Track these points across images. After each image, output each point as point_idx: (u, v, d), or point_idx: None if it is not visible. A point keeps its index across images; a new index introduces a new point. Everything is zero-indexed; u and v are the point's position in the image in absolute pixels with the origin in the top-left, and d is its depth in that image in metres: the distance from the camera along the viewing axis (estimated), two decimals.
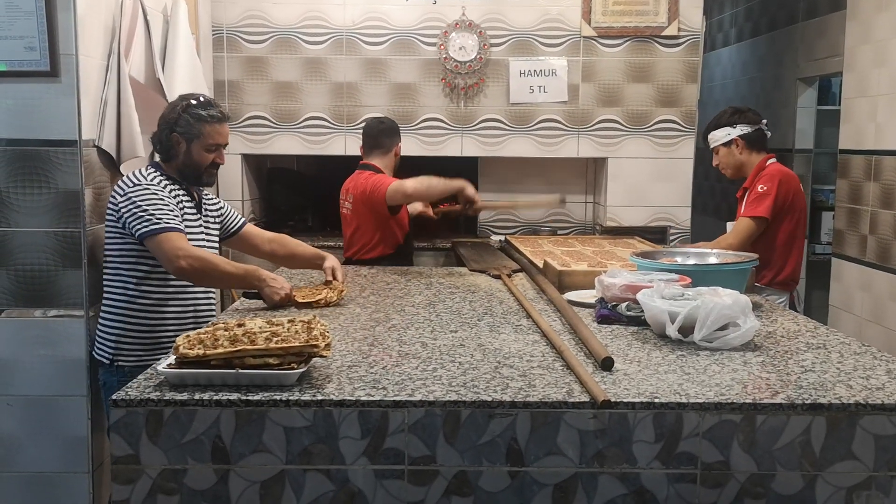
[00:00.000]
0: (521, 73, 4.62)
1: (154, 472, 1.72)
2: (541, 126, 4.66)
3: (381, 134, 3.90)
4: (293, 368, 1.78)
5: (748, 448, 1.73)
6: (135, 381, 1.84)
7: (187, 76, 3.63)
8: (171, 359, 1.83)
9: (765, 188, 3.42)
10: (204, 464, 1.72)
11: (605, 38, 4.61)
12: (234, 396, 1.72)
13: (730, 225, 3.61)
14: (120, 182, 2.76)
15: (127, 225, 2.67)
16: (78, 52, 2.86)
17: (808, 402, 1.74)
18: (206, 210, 2.94)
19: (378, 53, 4.60)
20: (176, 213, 2.70)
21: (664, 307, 2.23)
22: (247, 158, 4.76)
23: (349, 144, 4.66)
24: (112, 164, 3.13)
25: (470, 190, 3.48)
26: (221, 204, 3.10)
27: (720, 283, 2.41)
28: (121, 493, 1.73)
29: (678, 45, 4.61)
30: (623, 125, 4.67)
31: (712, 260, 2.89)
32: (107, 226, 2.79)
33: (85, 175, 2.92)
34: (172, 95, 3.41)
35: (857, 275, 4.00)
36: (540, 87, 4.63)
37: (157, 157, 2.91)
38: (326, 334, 1.91)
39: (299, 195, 5.34)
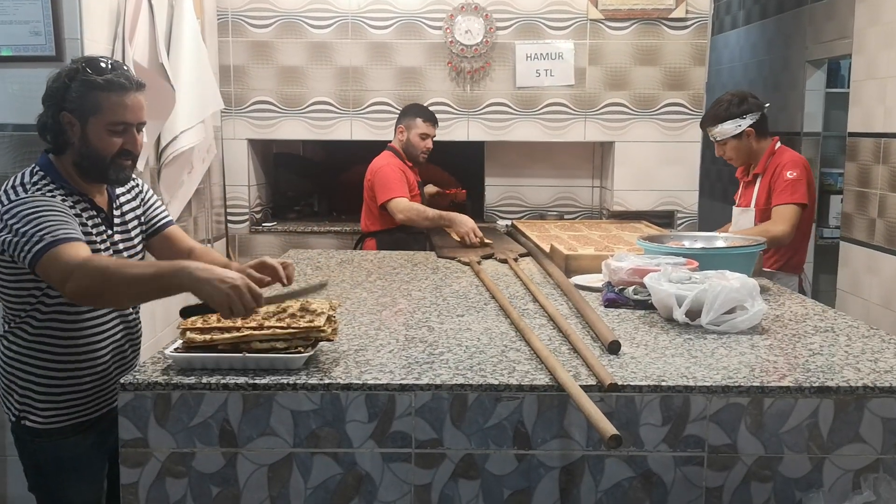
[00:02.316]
0: (527, 57, 4.59)
1: (162, 456, 1.73)
2: (547, 110, 4.64)
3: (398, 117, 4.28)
4: (300, 352, 1.79)
5: (755, 431, 1.73)
6: (143, 365, 1.85)
7: (192, 61, 3.62)
8: (178, 343, 1.83)
9: (794, 174, 3.37)
10: (212, 447, 1.73)
11: (612, 20, 4.57)
12: (241, 380, 1.72)
13: (737, 211, 3.58)
14: None
15: (14, 254, 1.90)
16: (83, 36, 2.85)
17: (816, 385, 1.74)
18: (119, 220, 2.16)
19: (384, 37, 4.58)
20: (71, 219, 1.94)
21: (671, 291, 2.23)
22: (252, 144, 4.75)
23: (355, 129, 4.65)
24: None
25: (462, 229, 3.73)
26: (145, 197, 2.27)
27: (728, 267, 2.41)
28: (129, 476, 1.74)
29: (686, 27, 4.58)
30: (630, 109, 4.64)
31: (720, 243, 2.88)
32: None
33: None
34: (177, 80, 3.41)
35: (865, 258, 3.99)
36: (546, 70, 4.60)
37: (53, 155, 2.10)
38: (333, 318, 1.92)
39: (305, 180, 5.34)
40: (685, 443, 1.73)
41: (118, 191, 2.17)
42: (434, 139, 4.22)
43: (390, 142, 4.23)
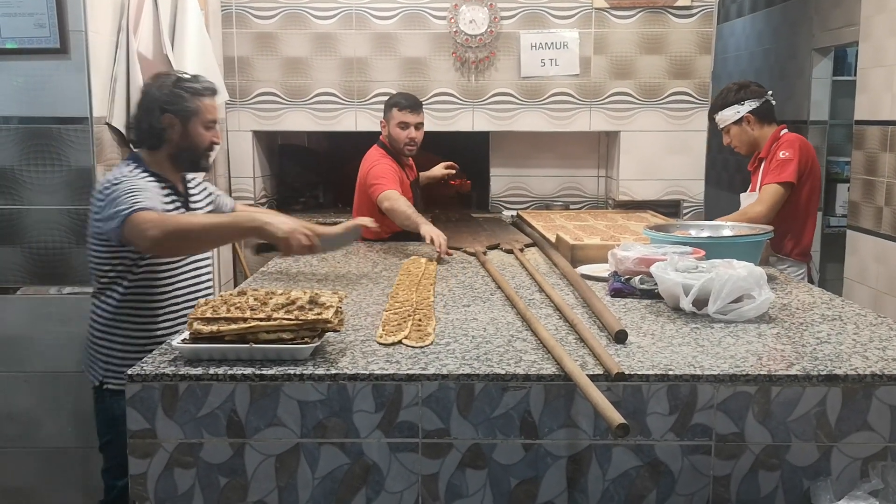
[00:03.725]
0: (532, 47, 4.58)
1: (170, 446, 1.74)
2: (552, 100, 4.63)
3: None
4: (306, 343, 1.79)
5: (763, 419, 1.73)
6: (149, 356, 1.85)
7: (196, 52, 3.61)
8: (185, 334, 1.84)
9: (787, 154, 3.38)
10: (219, 437, 1.73)
11: (617, 9, 4.55)
12: (248, 371, 1.73)
13: (743, 196, 3.58)
14: (97, 187, 2.42)
15: (107, 230, 2.31)
16: (87, 28, 2.86)
17: (824, 373, 1.73)
18: (194, 204, 2.60)
19: (387, 28, 4.57)
20: (154, 196, 2.35)
21: (678, 280, 2.22)
22: (257, 135, 4.75)
23: (360, 120, 4.64)
24: (123, 141, 3.14)
25: (427, 234, 3.21)
26: (209, 189, 2.75)
27: (734, 256, 2.40)
28: (138, 466, 1.74)
29: (691, 15, 4.55)
30: (636, 98, 4.63)
31: (726, 232, 2.88)
32: (90, 238, 2.44)
33: (97, 152, 2.92)
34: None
35: (872, 247, 3.97)
36: (551, 60, 4.58)
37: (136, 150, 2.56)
38: (340, 309, 1.92)
39: (310, 171, 5.33)
40: (692, 432, 1.73)
41: (190, 184, 2.61)
42: (420, 126, 3.80)
43: (382, 135, 3.91)
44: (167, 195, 2.47)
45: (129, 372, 1.74)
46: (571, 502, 1.74)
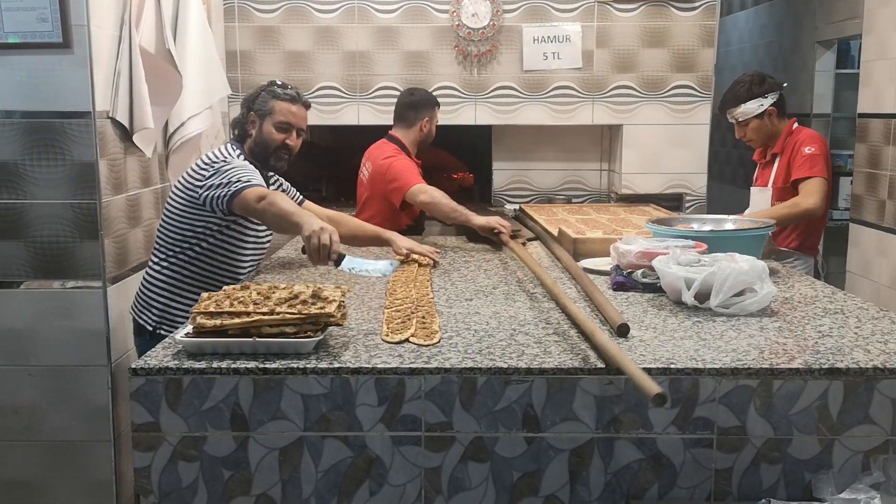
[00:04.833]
0: (534, 40, 4.57)
1: (174, 440, 1.74)
2: (555, 93, 4.62)
3: (405, 107, 3.87)
4: (310, 337, 1.80)
5: (765, 413, 1.73)
6: (153, 350, 1.86)
7: (199, 47, 3.61)
8: (189, 328, 1.84)
9: (813, 149, 3.38)
10: (223, 431, 1.74)
11: (619, 2, 4.54)
12: (251, 364, 1.73)
13: (754, 191, 3.57)
14: (203, 159, 2.73)
15: (211, 199, 2.61)
16: (90, 22, 2.85)
17: (826, 366, 1.74)
18: None
19: (390, 21, 4.56)
20: (259, 177, 2.67)
21: (680, 274, 2.23)
22: None
23: (362, 114, 4.64)
24: (126, 135, 3.14)
25: (492, 224, 3.30)
26: (283, 186, 3.06)
27: (737, 250, 2.40)
28: (142, 459, 1.75)
29: (694, 8, 4.54)
30: (638, 91, 4.62)
31: (729, 226, 2.88)
32: (179, 199, 2.71)
33: (99, 146, 2.92)
34: (183, 66, 3.40)
35: (875, 240, 3.97)
36: (554, 53, 4.58)
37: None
38: (342, 303, 1.92)
39: (313, 165, 5.33)
40: (694, 425, 1.73)
41: (272, 186, 2.89)
42: (438, 123, 3.96)
43: (390, 129, 3.91)
44: None
45: (133, 366, 1.75)
46: (573, 495, 1.75)
